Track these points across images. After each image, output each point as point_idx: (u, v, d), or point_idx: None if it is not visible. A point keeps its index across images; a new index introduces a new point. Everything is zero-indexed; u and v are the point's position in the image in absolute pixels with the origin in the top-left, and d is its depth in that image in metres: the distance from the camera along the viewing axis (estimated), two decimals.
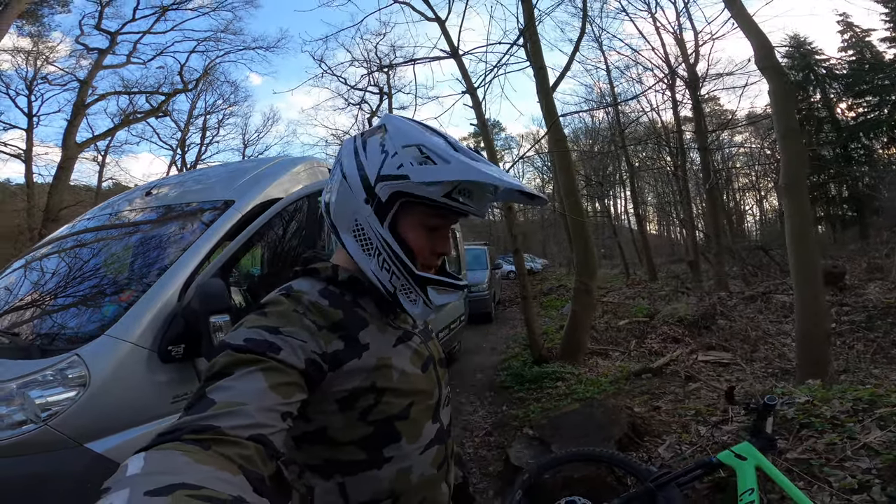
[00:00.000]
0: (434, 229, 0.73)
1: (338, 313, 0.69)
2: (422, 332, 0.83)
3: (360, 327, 0.70)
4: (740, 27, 4.42)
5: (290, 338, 0.61)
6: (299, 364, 0.60)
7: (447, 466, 0.79)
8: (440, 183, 0.66)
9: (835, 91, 22.50)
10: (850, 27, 21.91)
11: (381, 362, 0.69)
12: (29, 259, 2.72)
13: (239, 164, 4.09)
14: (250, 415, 0.50)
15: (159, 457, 0.42)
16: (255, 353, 0.57)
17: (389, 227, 0.70)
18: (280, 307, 0.66)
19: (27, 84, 16.03)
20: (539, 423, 2.74)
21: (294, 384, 0.58)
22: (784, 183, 3.99)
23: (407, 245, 0.70)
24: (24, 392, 1.67)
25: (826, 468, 1.90)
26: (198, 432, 0.46)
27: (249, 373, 0.55)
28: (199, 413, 0.49)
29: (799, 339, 3.85)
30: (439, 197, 0.67)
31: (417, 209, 0.70)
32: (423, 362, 0.77)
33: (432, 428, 0.75)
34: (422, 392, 0.74)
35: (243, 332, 0.60)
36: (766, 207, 31.50)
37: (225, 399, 0.51)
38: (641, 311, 8.07)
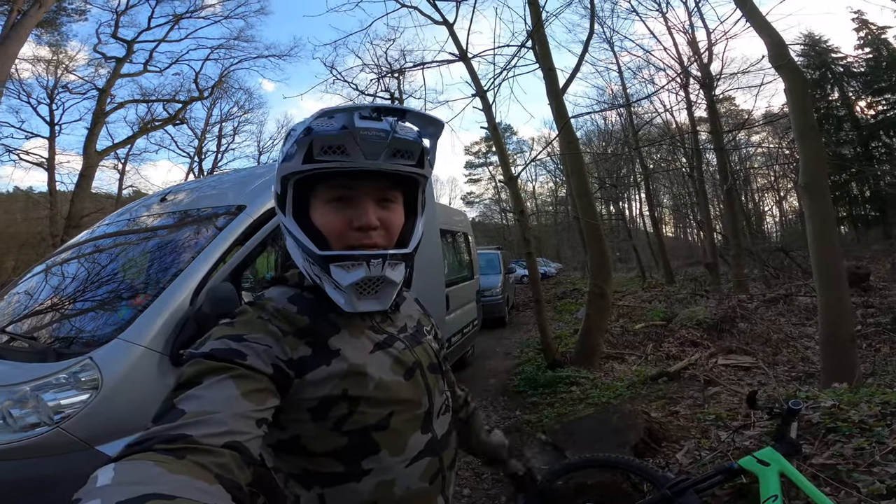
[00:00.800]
0: (342, 200, 0.68)
1: (304, 319, 0.67)
2: (409, 336, 0.78)
3: (331, 333, 0.68)
4: (752, 25, 4.34)
5: (254, 344, 0.60)
6: (267, 369, 0.59)
7: (443, 480, 0.74)
8: (294, 151, 0.64)
9: (853, 89, 22.03)
10: (866, 24, 21.46)
11: (353, 369, 0.66)
12: (47, 265, 2.78)
13: (252, 169, 4.13)
14: (223, 422, 0.49)
15: (130, 467, 0.41)
16: (222, 360, 0.56)
17: (298, 216, 0.69)
18: (245, 316, 0.65)
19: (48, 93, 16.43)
20: (552, 428, 2.69)
21: (266, 390, 0.57)
22: (804, 183, 3.88)
23: (316, 228, 0.69)
24: (38, 395, 1.70)
25: (854, 473, 1.82)
26: (169, 441, 0.45)
27: (219, 381, 0.54)
28: (170, 422, 0.48)
29: (823, 341, 3.73)
30: (300, 165, 0.65)
31: (321, 187, 0.68)
32: (405, 369, 0.72)
33: (421, 439, 0.71)
34: (404, 401, 0.70)
35: (210, 343, 0.60)
36: (785, 208, 30.84)
37: (195, 408, 0.50)
38: (658, 314, 7.94)
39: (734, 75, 12.66)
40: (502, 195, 33.80)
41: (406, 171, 0.69)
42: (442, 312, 4.39)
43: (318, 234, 0.68)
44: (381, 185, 0.70)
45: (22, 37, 8.42)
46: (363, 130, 0.63)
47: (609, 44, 14.50)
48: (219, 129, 22.85)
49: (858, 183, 22.22)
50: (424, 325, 0.86)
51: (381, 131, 0.64)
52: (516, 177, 5.98)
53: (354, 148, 0.64)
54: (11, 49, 8.16)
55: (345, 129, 0.63)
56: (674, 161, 20.38)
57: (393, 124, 0.66)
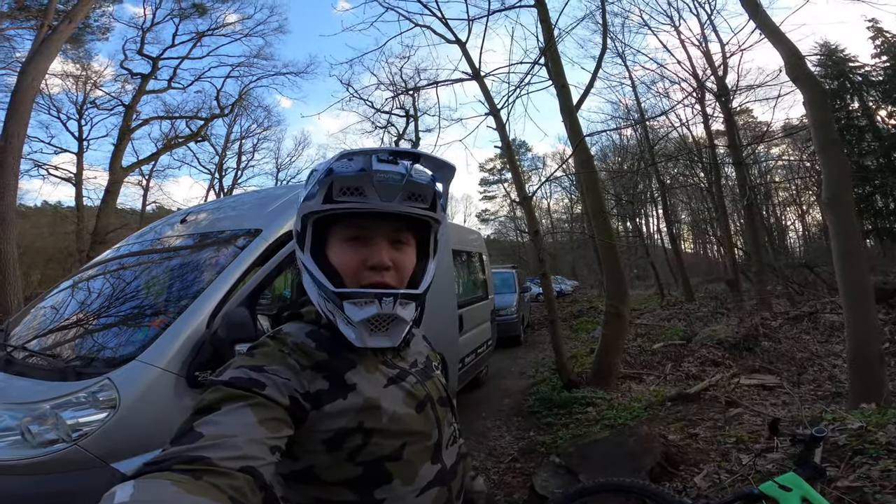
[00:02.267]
0: (358, 240, 0.71)
1: (322, 354, 0.70)
2: (420, 371, 0.81)
3: (347, 368, 0.70)
4: (767, 37, 4.32)
5: (273, 375, 0.62)
6: (283, 400, 0.61)
7: None
8: (315, 191, 0.67)
9: (873, 98, 21.58)
10: (881, 33, 21.11)
11: (368, 403, 0.68)
12: (71, 283, 2.87)
13: (271, 190, 4.22)
14: (239, 447, 0.51)
15: (148, 485, 0.42)
16: (241, 388, 0.58)
17: (316, 253, 0.72)
18: (266, 348, 0.68)
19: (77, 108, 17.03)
20: (566, 450, 2.63)
21: (281, 419, 0.59)
22: (827, 198, 3.79)
23: (331, 266, 0.71)
24: (57, 413, 1.75)
25: (879, 496, 1.75)
26: (188, 462, 0.47)
27: (238, 408, 0.55)
28: (188, 444, 0.49)
29: (850, 361, 3.59)
30: (321, 205, 0.67)
31: (339, 226, 0.71)
32: (417, 402, 0.74)
33: (431, 469, 0.73)
34: (416, 433, 0.72)
35: (230, 372, 0.62)
36: (808, 222, 30.10)
37: (214, 432, 0.51)
38: (677, 333, 7.76)
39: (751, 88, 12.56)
40: (517, 213, 33.75)
41: (419, 214, 0.72)
42: (454, 334, 4.36)
43: (333, 271, 0.71)
44: (396, 226, 0.73)
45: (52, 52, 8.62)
46: (380, 173, 0.67)
47: (622, 58, 14.55)
48: (238, 146, 23.46)
49: (883, 195, 21.59)
50: (433, 361, 0.89)
51: (397, 174, 0.68)
52: (530, 196, 5.99)
53: (371, 190, 0.67)
54: (42, 64, 8.38)
55: (363, 172, 0.67)
56: (691, 176, 20.14)
57: (408, 168, 0.69)
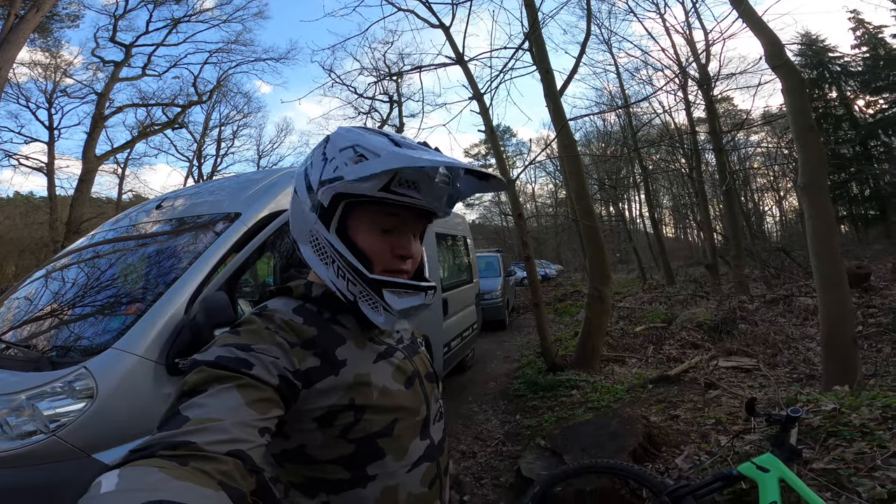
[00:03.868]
0: (389, 230, 0.71)
1: (311, 330, 0.69)
2: (407, 346, 0.81)
3: (337, 344, 0.69)
4: (748, 26, 4.33)
5: (261, 354, 0.61)
6: (272, 380, 0.59)
7: (440, 484, 0.77)
8: (373, 176, 0.64)
9: (851, 88, 22.04)
10: (862, 24, 21.49)
11: (358, 379, 0.68)
12: (45, 272, 2.77)
13: (249, 175, 4.11)
14: (227, 430, 0.49)
15: (134, 473, 0.41)
16: (228, 369, 0.56)
17: (340, 232, 0.70)
18: (252, 326, 0.66)
19: (47, 97, 16.43)
20: (552, 433, 2.67)
21: (270, 400, 0.57)
22: (803, 184, 3.86)
23: (360, 249, 0.70)
24: (34, 403, 1.70)
25: (855, 478, 1.81)
26: (173, 448, 0.45)
27: (224, 389, 0.54)
28: (174, 429, 0.48)
29: (824, 344, 3.70)
30: (376, 191, 0.65)
31: (366, 211, 0.69)
32: (406, 378, 0.75)
33: (420, 445, 0.73)
34: (406, 409, 0.72)
35: (215, 350, 0.60)
36: (785, 208, 30.81)
37: (199, 415, 0.50)
38: (658, 316, 7.92)
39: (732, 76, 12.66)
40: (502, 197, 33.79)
41: (447, 214, 0.77)
42: (439, 318, 4.37)
43: (360, 254, 0.70)
44: (424, 222, 0.76)
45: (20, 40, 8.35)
46: (440, 175, 0.69)
47: (607, 45, 14.53)
48: (218, 132, 22.89)
49: (858, 182, 22.22)
50: (417, 337, 0.89)
51: (448, 178, 0.71)
52: (514, 180, 5.97)
53: (428, 188, 0.68)
54: (9, 53, 8.11)
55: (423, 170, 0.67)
56: (673, 161, 20.37)
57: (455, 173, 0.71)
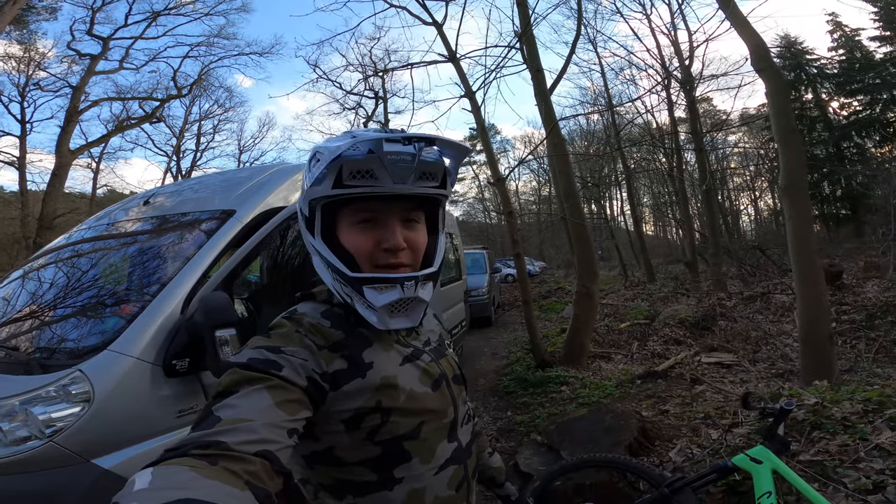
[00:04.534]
0: (369, 222, 0.70)
1: (339, 334, 0.70)
2: (434, 349, 0.81)
3: (364, 347, 0.70)
4: (735, 29, 4.43)
5: (290, 357, 0.62)
6: (301, 382, 0.60)
7: (467, 486, 0.77)
8: (323, 176, 0.65)
9: (826, 90, 22.75)
10: (840, 27, 22.19)
11: (385, 381, 0.68)
12: (28, 269, 2.68)
13: (235, 171, 4.05)
14: (256, 430, 0.51)
15: (167, 472, 0.43)
16: (259, 371, 0.58)
17: (328, 237, 0.71)
18: (282, 329, 0.68)
19: (20, 90, 15.96)
20: (547, 428, 2.72)
21: (298, 401, 0.59)
22: (784, 185, 3.99)
23: (345, 250, 0.70)
24: (27, 408, 1.65)
25: (840, 469, 1.89)
26: (205, 447, 0.47)
27: (255, 390, 0.56)
28: (206, 429, 0.50)
29: (803, 340, 3.84)
30: (329, 190, 0.66)
31: (348, 210, 0.70)
32: (433, 381, 0.75)
33: (448, 447, 0.73)
34: (433, 411, 0.72)
35: (248, 353, 0.62)
36: (760, 207, 31.71)
37: (231, 416, 0.52)
38: (641, 313, 8.08)
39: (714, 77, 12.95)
40: (486, 194, 33.95)
41: (432, 194, 0.71)
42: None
43: (345, 254, 0.70)
44: (407, 206, 0.71)
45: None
46: (391, 155, 0.65)
47: (593, 44, 14.66)
48: (198, 127, 22.41)
49: (830, 182, 22.96)
50: (445, 339, 0.88)
51: (409, 155, 0.66)
52: (505, 178, 6.01)
53: (383, 172, 0.65)
54: None
55: (372, 154, 0.64)
56: (654, 160, 20.74)
57: (418, 147, 0.67)
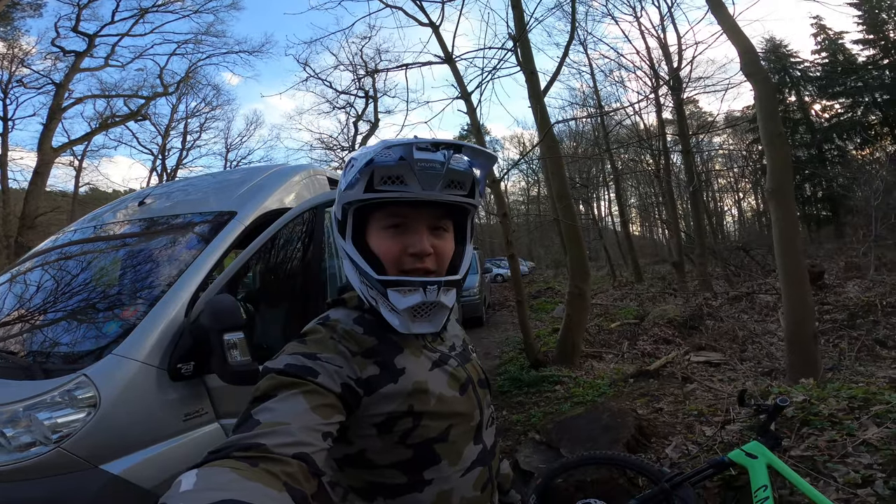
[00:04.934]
0: (398, 227, 0.72)
1: (371, 340, 0.72)
2: (459, 354, 0.83)
3: (395, 353, 0.72)
4: (726, 34, 4.51)
5: (326, 363, 0.64)
6: (335, 388, 0.63)
7: (491, 488, 0.79)
8: (355, 180, 0.69)
9: (809, 93, 23.25)
10: (824, 30, 22.70)
11: (417, 386, 0.70)
12: (23, 271, 2.64)
13: (228, 173, 4.03)
14: (293, 433, 0.53)
15: (210, 473, 0.45)
16: (295, 376, 0.61)
17: (359, 241, 0.74)
18: (317, 335, 0.70)
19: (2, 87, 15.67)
20: (545, 427, 2.77)
21: (332, 406, 0.61)
22: (771, 188, 4.08)
23: (374, 253, 0.73)
24: (31, 414, 1.63)
25: (830, 464, 1.97)
26: (245, 449, 0.49)
27: (291, 395, 0.58)
28: (247, 432, 0.52)
29: (788, 339, 3.94)
30: (362, 194, 0.69)
31: (378, 214, 0.73)
32: (460, 385, 0.77)
33: (474, 450, 0.75)
34: (461, 415, 0.74)
35: (284, 359, 0.64)
36: (744, 208, 32.31)
37: (269, 419, 0.54)
38: (631, 312, 8.19)
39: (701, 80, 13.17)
40: None
41: (459, 202, 0.73)
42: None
43: (374, 258, 0.72)
44: (435, 213, 0.74)
45: None
46: (420, 162, 0.67)
47: (583, 46, 14.83)
48: (184, 125, 22.11)
49: (812, 184, 23.48)
50: (469, 344, 0.91)
51: (437, 163, 0.68)
52: (500, 179, 6.06)
53: (412, 179, 0.68)
54: None
55: (403, 161, 0.67)
56: (641, 161, 21.01)
57: (447, 156, 0.69)
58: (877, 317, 5.74)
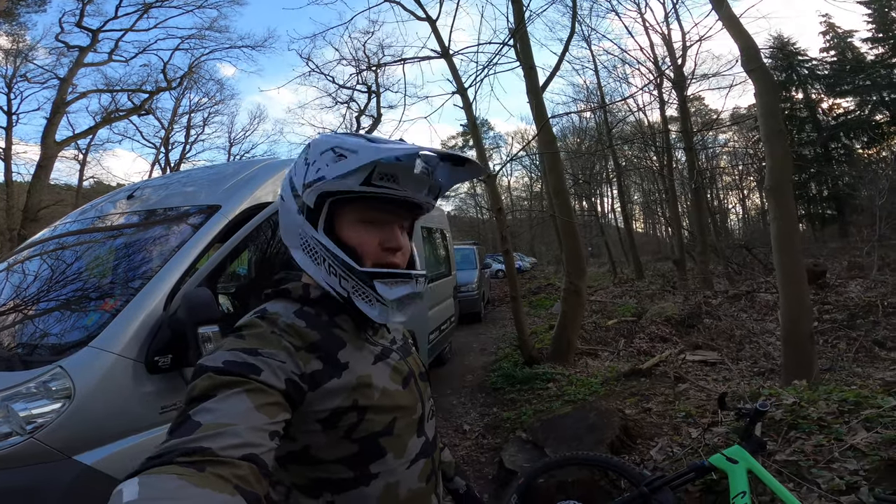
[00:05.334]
0: (373, 223, 0.73)
1: (314, 334, 0.70)
2: (400, 347, 0.84)
3: (339, 347, 0.71)
4: (727, 29, 4.46)
5: (269, 359, 0.62)
6: (280, 385, 0.60)
7: (435, 479, 0.80)
8: (353, 171, 0.67)
9: (816, 91, 22.99)
10: (833, 28, 22.42)
11: (361, 381, 0.70)
12: (10, 263, 2.64)
13: (223, 166, 4.01)
14: (240, 434, 0.50)
15: (153, 481, 0.42)
16: (236, 374, 0.57)
17: (328, 231, 0.72)
18: (257, 329, 0.67)
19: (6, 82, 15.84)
20: (532, 426, 2.75)
21: (278, 404, 0.58)
22: (770, 185, 4.04)
23: (348, 246, 0.72)
24: (8, 405, 1.63)
25: (814, 469, 1.93)
26: (189, 454, 0.46)
27: (234, 394, 0.55)
28: (187, 435, 0.48)
29: (784, 339, 3.91)
30: (357, 186, 0.68)
31: (351, 208, 0.72)
32: (403, 378, 0.77)
33: (417, 442, 0.76)
34: (404, 408, 0.75)
35: (222, 355, 0.60)
36: (748, 206, 32.09)
37: (211, 420, 0.51)
38: (629, 310, 8.15)
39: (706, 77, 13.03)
40: (477, 189, 33.93)
41: (431, 206, 0.77)
42: (425, 308, 4.41)
43: (347, 250, 0.72)
44: (410, 214, 0.77)
45: None
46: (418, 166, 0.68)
47: (587, 42, 14.68)
48: (187, 119, 22.16)
49: (817, 183, 23.27)
50: (408, 338, 0.93)
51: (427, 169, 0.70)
52: (495, 175, 6.01)
53: (407, 180, 0.69)
54: None
55: (400, 161, 0.66)
56: (645, 158, 20.87)
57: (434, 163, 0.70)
58: (877, 317, 5.69)
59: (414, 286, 0.74)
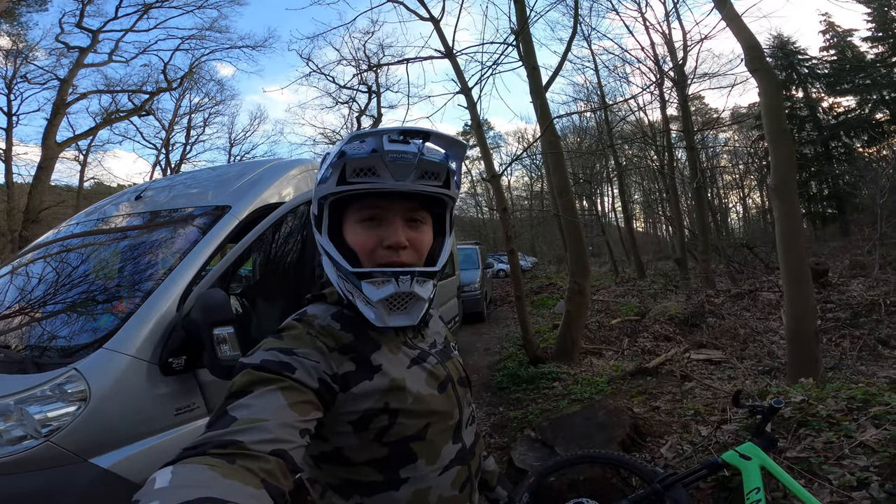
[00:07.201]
0: (373, 220, 0.72)
1: (349, 336, 0.71)
2: (440, 352, 0.82)
3: (372, 349, 0.71)
4: (731, 29, 4.46)
5: (303, 359, 0.64)
6: (313, 384, 0.62)
7: (471, 487, 0.78)
8: (328, 174, 0.68)
9: (817, 90, 23.00)
10: (832, 27, 22.43)
11: (394, 384, 0.69)
12: (20, 264, 2.65)
13: (228, 167, 4.03)
14: (271, 430, 0.52)
15: (186, 470, 0.44)
16: (272, 372, 0.60)
17: (333, 235, 0.73)
18: (294, 331, 0.69)
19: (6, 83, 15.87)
20: (541, 425, 2.76)
21: (310, 402, 0.60)
22: (774, 184, 4.04)
23: (349, 247, 0.72)
24: (22, 408, 1.64)
25: (825, 466, 1.94)
26: (222, 447, 0.48)
27: (269, 391, 0.57)
28: (222, 429, 0.51)
29: (789, 338, 3.91)
30: (335, 186, 0.68)
31: (353, 208, 0.72)
32: (439, 383, 0.76)
33: (452, 448, 0.75)
34: (439, 413, 0.73)
35: (260, 354, 0.63)
36: (749, 205, 32.10)
37: (246, 415, 0.53)
38: (632, 309, 8.16)
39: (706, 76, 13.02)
40: (478, 189, 33.95)
41: (432, 192, 0.72)
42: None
43: (350, 252, 0.72)
44: (410, 205, 0.73)
45: None
46: (392, 153, 0.67)
47: (587, 41, 14.68)
48: (188, 120, 22.19)
49: (818, 181, 23.27)
50: (450, 342, 0.90)
51: (409, 153, 0.68)
52: (499, 174, 6.02)
53: (384, 170, 0.68)
54: None
55: (375, 153, 0.66)
56: (645, 157, 20.87)
57: (420, 147, 0.69)
58: (880, 316, 5.69)
59: (396, 286, 0.69)
